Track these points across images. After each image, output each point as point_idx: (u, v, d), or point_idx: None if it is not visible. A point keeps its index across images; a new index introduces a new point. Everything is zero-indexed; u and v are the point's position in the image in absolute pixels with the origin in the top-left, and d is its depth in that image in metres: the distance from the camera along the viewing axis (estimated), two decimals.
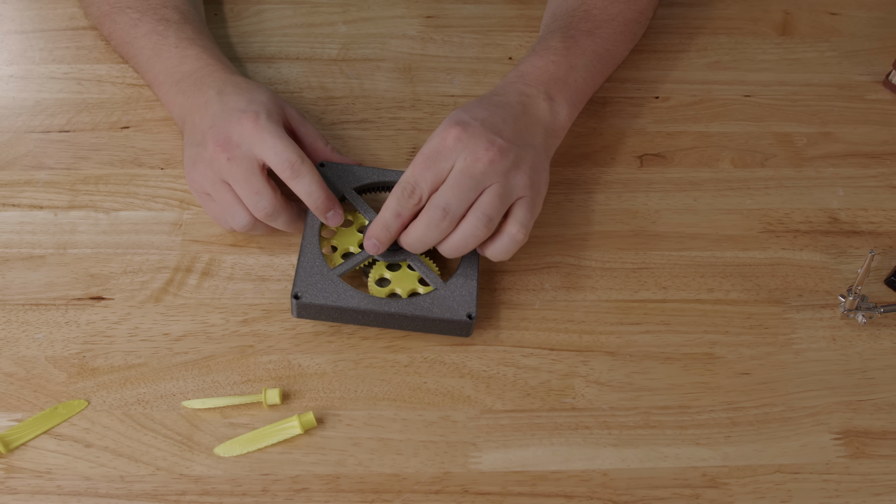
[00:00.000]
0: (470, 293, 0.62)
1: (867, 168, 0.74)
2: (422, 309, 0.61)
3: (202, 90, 0.65)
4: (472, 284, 0.62)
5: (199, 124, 0.64)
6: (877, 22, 0.85)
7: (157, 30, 0.70)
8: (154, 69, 0.70)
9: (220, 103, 0.63)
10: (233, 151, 0.61)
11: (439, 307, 0.61)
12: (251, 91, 0.64)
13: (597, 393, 0.61)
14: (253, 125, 0.61)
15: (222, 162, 0.61)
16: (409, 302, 0.61)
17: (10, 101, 0.75)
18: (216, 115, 0.62)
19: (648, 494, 0.57)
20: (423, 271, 0.63)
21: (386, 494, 0.57)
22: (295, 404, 0.60)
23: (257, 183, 0.61)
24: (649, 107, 0.77)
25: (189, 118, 0.65)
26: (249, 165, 0.61)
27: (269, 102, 0.63)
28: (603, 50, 0.72)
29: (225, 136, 0.61)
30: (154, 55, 0.69)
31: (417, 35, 0.82)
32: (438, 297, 0.61)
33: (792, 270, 0.68)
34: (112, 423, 0.59)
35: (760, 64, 0.81)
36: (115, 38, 0.74)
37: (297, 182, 0.61)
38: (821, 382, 0.62)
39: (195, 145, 0.64)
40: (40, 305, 0.64)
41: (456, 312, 0.61)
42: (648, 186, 0.72)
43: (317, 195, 0.61)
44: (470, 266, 0.63)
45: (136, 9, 0.72)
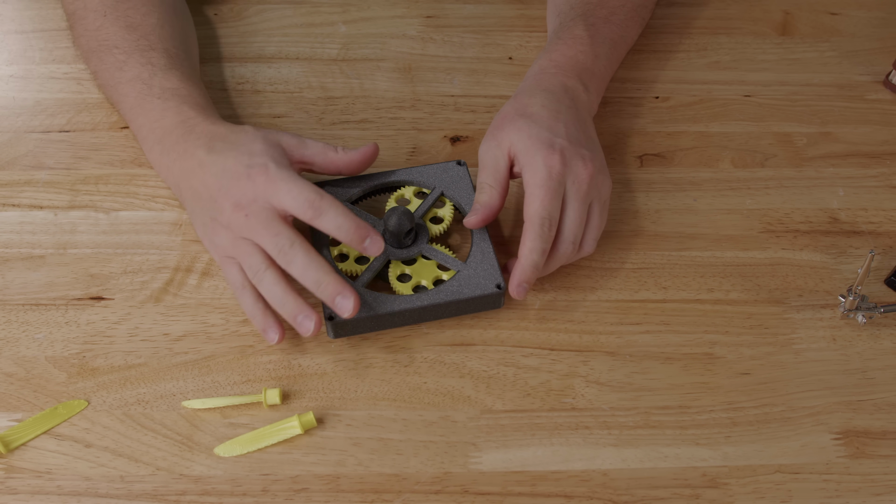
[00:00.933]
0: (491, 265, 0.63)
1: (867, 168, 0.74)
2: (452, 293, 0.62)
3: (189, 151, 0.63)
4: (490, 257, 0.63)
5: (203, 189, 0.61)
6: (877, 22, 0.85)
7: (141, 76, 0.67)
8: (137, 120, 0.67)
9: (217, 164, 0.61)
10: (249, 208, 0.59)
11: (468, 286, 0.62)
12: (244, 143, 0.62)
13: (597, 393, 0.61)
14: (265, 178, 0.59)
15: (240, 220, 0.59)
16: (439, 290, 0.62)
17: (10, 101, 0.75)
18: (220, 177, 0.61)
19: (648, 494, 0.57)
20: (440, 258, 0.64)
21: (386, 494, 0.57)
22: (295, 404, 0.60)
23: (276, 226, 0.59)
24: (649, 107, 0.77)
25: (185, 183, 0.63)
26: (268, 215, 0.59)
27: (268, 149, 0.61)
28: (618, 36, 0.74)
29: (239, 195, 0.59)
30: (137, 105, 0.67)
31: (417, 35, 0.82)
32: (464, 278, 0.62)
33: (792, 270, 0.68)
34: (112, 423, 0.59)
35: (760, 64, 0.81)
36: (100, 77, 0.71)
37: (323, 220, 0.58)
38: (821, 382, 0.62)
39: (206, 211, 0.62)
40: (40, 305, 0.64)
41: (485, 287, 0.62)
42: (648, 186, 0.72)
43: (346, 226, 0.59)
44: (483, 240, 0.64)
45: (123, 49, 0.69)
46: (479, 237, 0.64)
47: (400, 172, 0.68)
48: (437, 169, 0.68)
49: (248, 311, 0.61)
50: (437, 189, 0.67)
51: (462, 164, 0.68)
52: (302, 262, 0.58)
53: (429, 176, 0.68)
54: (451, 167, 0.68)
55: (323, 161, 0.64)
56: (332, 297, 0.58)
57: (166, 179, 0.67)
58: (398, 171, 0.68)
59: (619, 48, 0.74)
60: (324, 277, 0.58)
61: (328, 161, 0.64)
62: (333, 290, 0.58)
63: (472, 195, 0.66)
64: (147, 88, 0.67)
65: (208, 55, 0.79)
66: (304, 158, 0.64)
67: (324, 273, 0.58)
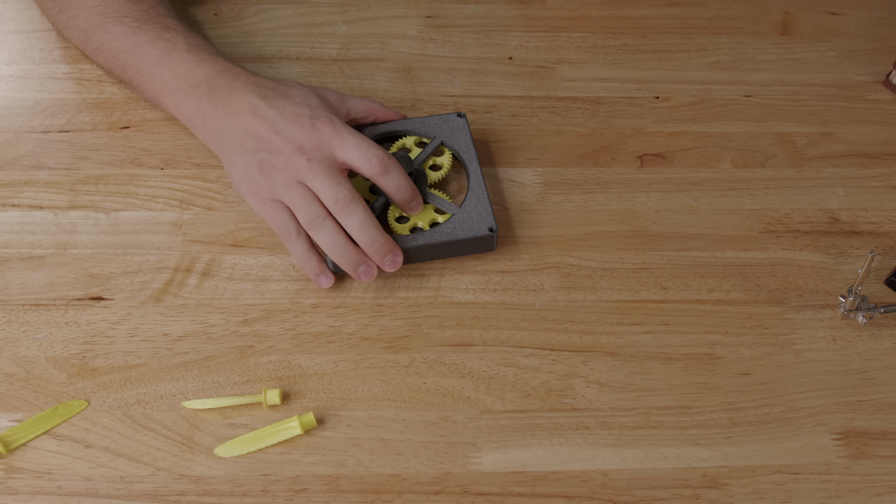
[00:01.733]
0: (485, 209, 0.66)
1: (867, 168, 0.74)
2: (446, 234, 0.65)
3: (236, 94, 0.64)
4: (485, 202, 0.66)
5: (252, 131, 0.63)
6: (877, 22, 0.85)
7: (163, 36, 0.68)
8: (164, 75, 0.67)
9: (273, 109, 0.63)
10: (313, 154, 0.61)
11: (462, 228, 0.65)
12: (298, 95, 0.65)
13: (597, 393, 0.61)
14: (331, 129, 0.62)
15: (301, 164, 0.61)
16: (434, 231, 0.65)
17: (10, 101, 0.75)
18: (276, 122, 0.62)
19: (649, 495, 0.57)
20: (437, 201, 0.67)
21: (386, 495, 0.57)
22: (295, 404, 0.60)
23: (337, 175, 0.61)
24: (649, 107, 0.77)
25: (229, 125, 0.64)
26: (330, 163, 0.62)
27: (323, 105, 0.65)
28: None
29: (303, 139, 0.62)
30: (162, 61, 0.67)
31: (417, 35, 0.82)
32: (458, 221, 0.66)
33: (792, 271, 0.68)
34: (112, 423, 0.59)
35: (761, 64, 0.81)
36: (107, 49, 0.70)
37: (387, 177, 0.63)
38: (821, 383, 0.62)
39: (253, 152, 0.63)
40: (40, 305, 0.64)
41: (478, 229, 0.65)
42: (648, 186, 0.72)
43: (405, 187, 0.64)
44: (478, 186, 0.67)
45: (135, 18, 0.69)
46: (475, 183, 0.67)
47: (402, 122, 0.71)
48: (438, 120, 0.71)
49: (299, 257, 0.63)
50: (437, 138, 0.70)
51: (462, 116, 0.71)
52: (360, 218, 0.61)
53: (430, 126, 0.71)
54: (451, 118, 0.71)
55: (364, 114, 0.69)
56: (383, 256, 0.62)
57: (201, 125, 0.67)
58: (400, 121, 0.71)
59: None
60: (379, 236, 0.62)
61: (371, 114, 0.70)
62: (386, 250, 0.62)
63: (471, 145, 0.70)
64: (172, 46, 0.68)
65: None
66: (349, 113, 0.68)
67: (379, 232, 0.62)
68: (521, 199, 0.71)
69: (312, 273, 0.64)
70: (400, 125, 0.71)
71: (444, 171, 0.69)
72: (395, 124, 0.71)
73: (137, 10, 0.70)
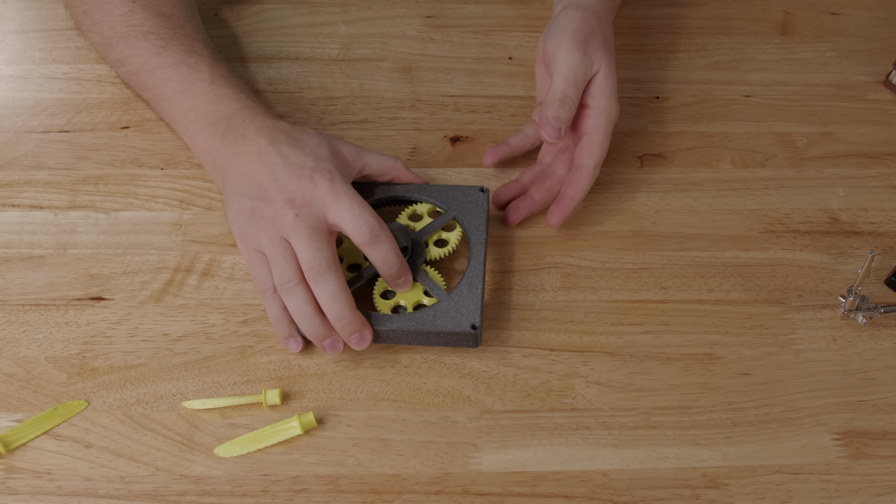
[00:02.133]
0: (474, 303, 0.61)
1: (867, 168, 0.74)
2: (424, 322, 0.60)
3: (248, 136, 0.61)
4: (476, 293, 0.61)
5: (253, 175, 0.60)
6: (877, 22, 0.85)
7: (187, 62, 0.66)
8: (182, 105, 0.65)
9: (278, 155, 0.60)
10: (302, 209, 0.58)
11: (443, 319, 0.60)
12: (309, 144, 0.61)
13: (597, 393, 0.61)
14: (329, 185, 0.58)
15: (288, 218, 0.58)
16: (412, 317, 0.60)
17: (10, 101, 0.75)
18: (278, 169, 0.59)
19: (649, 495, 0.57)
20: (427, 283, 0.62)
21: (386, 495, 0.57)
22: (295, 405, 0.60)
23: (320, 238, 0.58)
24: (649, 107, 0.77)
25: (234, 166, 0.62)
26: (317, 224, 0.58)
27: (332, 158, 0.61)
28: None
29: (296, 192, 0.58)
30: (183, 89, 0.65)
31: (417, 35, 0.82)
32: (442, 309, 0.60)
33: (792, 271, 0.68)
34: (112, 423, 0.59)
35: (760, 64, 0.81)
36: (129, 64, 0.68)
37: (375, 248, 0.58)
38: (821, 383, 0.62)
39: (248, 197, 0.60)
40: (40, 306, 0.64)
41: (460, 324, 0.60)
42: (648, 186, 0.72)
43: (392, 262, 0.59)
44: (475, 274, 0.62)
45: (160, 35, 0.67)
46: (473, 270, 0.62)
47: (418, 188, 0.66)
48: (457, 191, 0.66)
49: (272, 316, 0.60)
50: (449, 212, 0.65)
51: (485, 192, 0.66)
52: (331, 290, 0.57)
53: (447, 196, 0.66)
54: (472, 192, 0.66)
55: (380, 172, 0.65)
56: (349, 334, 0.59)
57: (211, 162, 0.64)
58: (417, 185, 0.66)
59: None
60: (348, 313, 0.58)
61: (385, 172, 0.66)
62: (354, 328, 0.59)
63: (483, 225, 0.65)
64: (195, 73, 0.65)
65: None
66: (363, 170, 0.64)
67: (349, 308, 0.58)
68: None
69: (281, 335, 0.61)
70: (416, 190, 0.66)
71: (449, 248, 0.64)
72: (411, 188, 0.66)
73: (165, 28, 0.67)
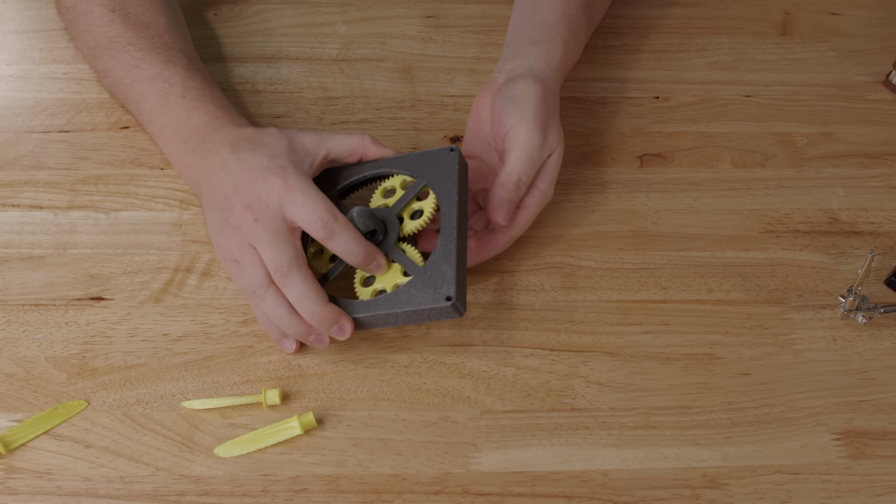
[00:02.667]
0: (448, 272, 0.57)
1: (867, 168, 0.74)
2: (400, 303, 0.57)
3: (214, 150, 0.61)
4: (450, 261, 0.58)
5: (219, 188, 0.60)
6: (877, 22, 0.85)
7: (162, 74, 0.66)
8: (159, 121, 0.66)
9: (238, 162, 0.59)
10: (260, 212, 0.57)
11: (418, 296, 0.57)
12: (267, 144, 0.60)
13: (597, 393, 0.61)
14: (281, 182, 0.57)
15: (249, 224, 0.57)
16: (388, 298, 0.58)
17: (10, 101, 0.75)
18: (237, 176, 0.59)
19: (648, 495, 0.57)
20: (402, 260, 0.60)
21: (386, 495, 0.57)
22: (295, 405, 0.60)
23: (280, 239, 0.57)
24: (649, 107, 0.77)
25: (205, 182, 0.62)
26: (277, 225, 0.57)
27: (289, 153, 0.60)
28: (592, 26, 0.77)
29: (252, 196, 0.58)
30: (159, 104, 0.65)
31: (417, 35, 0.82)
32: (416, 285, 0.58)
33: (792, 271, 0.68)
34: (112, 423, 0.59)
35: (760, 64, 0.81)
36: (112, 76, 0.68)
37: (333, 241, 0.57)
38: (821, 383, 0.62)
39: (218, 210, 0.60)
40: (40, 306, 0.64)
41: (434, 298, 0.57)
42: (648, 186, 0.72)
43: (356, 251, 0.58)
44: (447, 242, 0.59)
45: (138, 46, 0.67)
46: (445, 237, 0.59)
47: (388, 161, 0.64)
48: (427, 157, 0.63)
49: (261, 321, 0.60)
50: (420, 180, 0.62)
51: (454, 151, 0.62)
52: (298, 289, 0.57)
53: (417, 165, 0.63)
54: (441, 154, 0.63)
55: (346, 152, 0.63)
56: (327, 328, 0.58)
57: (188, 180, 0.65)
58: (386, 159, 0.64)
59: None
60: (318, 309, 0.57)
61: (355, 150, 0.63)
62: (329, 322, 0.58)
63: (454, 187, 0.61)
64: (169, 87, 0.65)
65: (208, 55, 0.79)
66: (328, 155, 0.63)
67: (319, 304, 0.57)
68: None
69: (275, 338, 0.61)
70: (385, 164, 0.63)
71: (424, 218, 0.61)
72: (380, 163, 0.63)
73: (142, 38, 0.67)
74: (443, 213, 0.61)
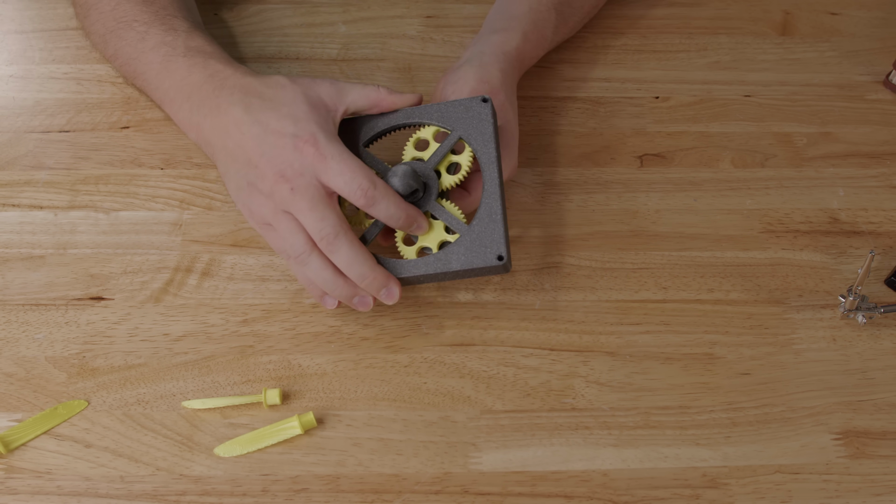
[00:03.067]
0: (497, 231, 0.58)
1: (867, 168, 0.74)
2: (449, 262, 0.58)
3: (221, 107, 0.61)
4: (497, 220, 0.59)
5: (239, 151, 0.59)
6: (877, 22, 0.85)
7: (165, 40, 0.66)
8: (164, 84, 0.66)
9: (257, 124, 0.59)
10: (296, 181, 0.57)
11: (467, 255, 0.58)
12: (285, 103, 0.59)
13: (597, 393, 0.61)
14: (314, 151, 0.57)
15: (285, 193, 0.57)
16: (437, 258, 0.59)
17: (10, 101, 0.75)
18: (261, 141, 0.58)
19: (648, 495, 0.57)
20: (446, 218, 0.60)
21: (386, 495, 0.57)
22: (295, 404, 0.60)
23: (322, 207, 0.57)
24: (649, 107, 0.77)
25: (218, 142, 0.61)
26: (315, 193, 0.57)
27: (312, 113, 0.59)
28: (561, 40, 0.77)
29: (284, 165, 0.57)
30: (163, 68, 0.65)
31: (417, 35, 0.82)
32: (465, 244, 0.59)
33: (792, 270, 0.68)
34: (112, 423, 0.59)
35: (760, 64, 0.81)
36: (121, 56, 0.69)
37: (375, 209, 0.58)
38: (821, 383, 0.62)
39: (242, 174, 0.60)
40: (40, 305, 0.64)
41: (486, 257, 0.58)
42: (648, 186, 0.72)
43: (398, 216, 0.58)
44: (492, 198, 0.59)
45: (143, 21, 0.67)
46: (490, 195, 0.59)
47: (417, 111, 0.63)
48: (460, 106, 0.62)
49: (302, 281, 0.61)
50: (455, 132, 0.61)
51: (487, 101, 0.61)
52: (347, 255, 0.58)
53: (448, 115, 0.62)
54: (473, 105, 0.61)
55: (367, 106, 0.63)
56: (377, 291, 0.59)
57: (196, 138, 0.64)
58: (415, 108, 0.63)
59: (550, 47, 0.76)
60: (368, 272, 0.58)
61: (373, 104, 0.63)
62: (379, 285, 0.59)
63: (492, 141, 0.61)
64: (171, 50, 0.65)
65: None
66: (347, 108, 0.62)
67: (369, 267, 0.58)
68: (521, 199, 0.71)
69: (316, 296, 0.61)
70: (416, 114, 0.62)
71: (462, 173, 0.61)
72: (411, 112, 0.63)
73: (147, 13, 0.68)
74: (483, 168, 0.60)
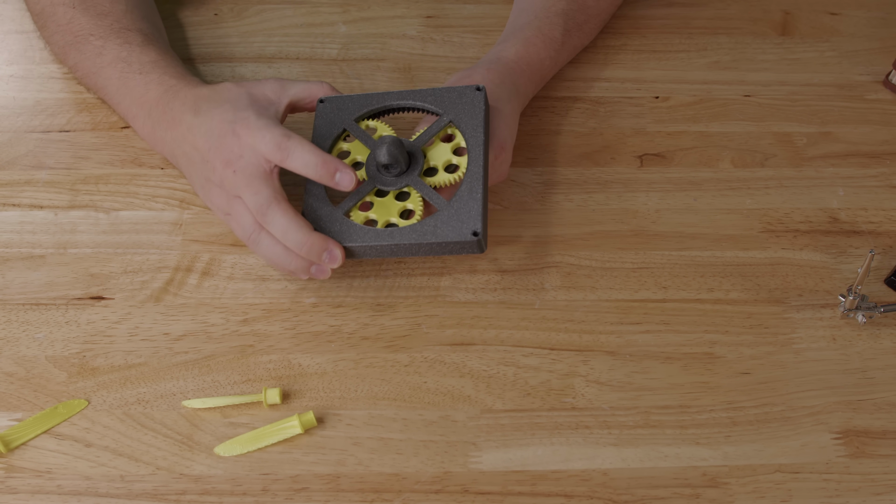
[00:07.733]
0: (474, 208, 0.59)
1: (867, 168, 0.74)
2: (425, 234, 0.59)
3: (176, 118, 0.63)
4: (476, 198, 0.59)
5: (195, 152, 0.62)
6: (877, 22, 0.85)
7: (121, 56, 0.67)
8: (124, 101, 0.68)
9: (205, 125, 0.61)
10: (237, 164, 0.59)
11: (443, 228, 0.59)
12: (229, 99, 0.62)
13: (597, 392, 0.61)
14: (247, 130, 0.59)
15: (230, 178, 0.60)
16: (413, 229, 0.59)
17: (10, 101, 0.75)
18: (208, 135, 0.61)
19: (648, 494, 0.57)
20: (426, 192, 0.61)
21: (386, 494, 0.57)
22: (295, 404, 0.60)
23: (257, 182, 0.59)
24: (649, 107, 0.77)
25: (178, 151, 0.64)
26: (252, 170, 0.59)
27: (252, 104, 0.62)
28: (581, 45, 0.78)
29: (227, 151, 0.60)
30: (121, 85, 0.67)
31: (417, 35, 0.82)
32: (442, 218, 0.59)
33: (792, 270, 0.68)
34: (112, 422, 0.59)
35: (760, 64, 0.81)
36: (80, 69, 0.70)
37: (291, 160, 0.58)
38: (821, 382, 0.62)
39: (200, 172, 0.63)
40: (40, 305, 0.64)
41: (461, 232, 0.58)
42: (648, 186, 0.72)
43: (313, 162, 0.58)
44: (474, 179, 0.60)
45: (99, 35, 0.69)
46: (472, 173, 0.60)
47: (413, 94, 0.64)
48: (453, 93, 0.64)
49: (266, 261, 0.62)
50: (445, 115, 0.63)
51: (481, 90, 0.63)
52: (281, 224, 0.58)
53: (443, 100, 0.64)
54: (467, 92, 0.63)
55: (309, 99, 0.65)
56: (318, 256, 0.59)
57: (161, 151, 0.68)
58: (413, 91, 0.65)
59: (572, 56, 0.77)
60: (304, 238, 0.58)
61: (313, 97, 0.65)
62: (319, 249, 0.59)
63: (480, 126, 0.62)
64: (127, 66, 0.67)
65: (208, 55, 0.79)
66: (290, 100, 0.64)
67: (304, 234, 0.58)
68: (521, 198, 0.71)
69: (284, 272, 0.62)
70: (410, 96, 0.64)
71: (459, 173, 0.62)
72: (404, 95, 0.64)
73: (102, 26, 0.69)
74: (469, 151, 0.62)
